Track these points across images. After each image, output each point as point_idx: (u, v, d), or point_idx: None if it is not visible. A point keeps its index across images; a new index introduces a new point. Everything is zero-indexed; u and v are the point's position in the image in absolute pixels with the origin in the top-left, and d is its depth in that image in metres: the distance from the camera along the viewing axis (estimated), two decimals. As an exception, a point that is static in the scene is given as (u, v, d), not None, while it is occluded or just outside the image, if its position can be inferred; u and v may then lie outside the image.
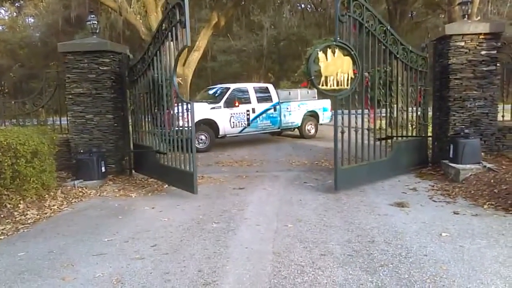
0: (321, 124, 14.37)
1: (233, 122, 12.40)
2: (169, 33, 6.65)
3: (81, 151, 7.81)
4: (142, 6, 15.22)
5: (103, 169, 7.82)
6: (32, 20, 42.05)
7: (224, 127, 12.66)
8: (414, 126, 8.38)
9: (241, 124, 12.42)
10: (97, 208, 6.17)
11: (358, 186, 6.72)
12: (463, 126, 7.62)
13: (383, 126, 8.46)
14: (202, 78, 29.15)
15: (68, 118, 8.40)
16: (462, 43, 7.61)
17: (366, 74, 6.96)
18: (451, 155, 7.36)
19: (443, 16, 26.06)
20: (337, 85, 6.64)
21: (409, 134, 8.25)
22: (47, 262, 4.14)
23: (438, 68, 8.10)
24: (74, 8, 23.84)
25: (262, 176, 8.00)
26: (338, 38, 6.35)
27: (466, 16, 7.96)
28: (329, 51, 6.59)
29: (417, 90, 8.07)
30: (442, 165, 7.67)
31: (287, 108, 13.61)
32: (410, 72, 7.84)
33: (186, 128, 6.64)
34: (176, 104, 7.35)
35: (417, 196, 6.15)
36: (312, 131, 14.22)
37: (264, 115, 13.07)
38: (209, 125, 12.02)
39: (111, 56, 8.18)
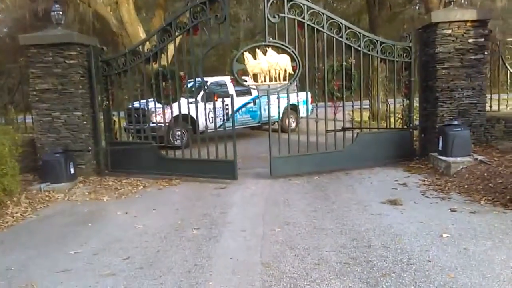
0: (302, 118, 14.01)
1: (212, 117, 11.89)
2: (190, 29, 7.06)
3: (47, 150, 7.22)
4: (112, -3, 14.48)
5: (72, 170, 7.25)
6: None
7: (203, 122, 12.15)
8: (397, 118, 8.21)
9: (220, 119, 11.93)
10: (65, 215, 5.62)
11: (308, 175, 7.09)
12: (451, 117, 7.35)
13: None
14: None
15: (33, 116, 7.75)
16: (449, 31, 7.31)
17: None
18: (440, 148, 7.08)
19: (418, 7, 26.09)
20: (272, 81, 7.19)
21: (389, 126, 8.12)
22: (3, 282, 3.62)
23: (424, 58, 7.79)
24: (41, 1, 22.77)
25: (244, 174, 7.55)
26: (270, 38, 6.95)
27: (452, 2, 7.66)
28: (258, 50, 7.02)
29: (394, 81, 7.79)
30: (430, 158, 7.38)
31: (267, 102, 13.16)
32: (387, 64, 7.73)
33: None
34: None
35: (409, 192, 5.82)
36: (293, 125, 13.84)
37: (243, 109, 12.61)
38: (187, 121, 11.49)
39: (78, 49, 7.56)
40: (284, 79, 7.19)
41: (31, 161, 7.78)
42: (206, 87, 7.85)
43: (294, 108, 13.95)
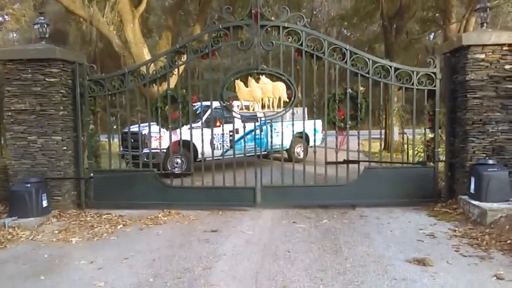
0: (311, 147, 13.05)
1: (214, 144, 11.03)
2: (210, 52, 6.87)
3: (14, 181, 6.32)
4: (116, 16, 13.89)
5: (44, 203, 6.33)
6: (15, 35, 40.74)
7: (203, 150, 11.29)
8: (417, 152, 7.37)
9: (223, 146, 11.05)
10: (20, 261, 4.64)
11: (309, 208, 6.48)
12: (484, 155, 6.32)
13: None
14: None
15: (7, 139, 6.89)
16: (482, 56, 6.35)
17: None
18: (471, 190, 6.05)
19: (433, 37, 25.33)
20: (265, 108, 6.97)
21: (407, 160, 7.26)
22: None
23: (452, 86, 6.82)
24: (57, 22, 22.52)
25: (241, 212, 6.56)
26: (264, 66, 6.99)
27: (485, 24, 6.73)
28: (250, 78, 6.91)
29: (413, 111, 6.97)
30: (460, 202, 6.32)
31: (275, 129, 12.30)
32: (404, 92, 7.05)
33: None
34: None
35: (439, 247, 4.75)
36: (302, 154, 12.91)
37: (249, 136, 11.71)
38: (186, 147, 10.62)
39: (61, 66, 6.75)
40: (279, 107, 6.93)
41: (4, 190, 6.92)
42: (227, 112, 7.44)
43: (306, 137, 13.06)
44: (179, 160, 10.43)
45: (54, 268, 4.39)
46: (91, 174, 7.12)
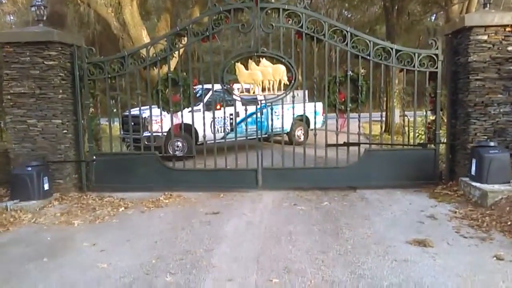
0: (312, 130, 13.01)
1: (215, 127, 11.00)
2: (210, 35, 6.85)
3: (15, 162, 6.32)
4: (114, -2, 13.71)
5: (46, 186, 6.33)
6: (12, 18, 40.23)
7: (204, 133, 11.28)
8: (418, 134, 7.39)
9: (223, 129, 11.03)
10: (23, 243, 4.67)
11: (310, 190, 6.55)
12: (486, 136, 6.30)
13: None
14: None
15: (7, 123, 6.87)
16: (485, 37, 6.28)
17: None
18: (472, 172, 6.05)
19: (434, 18, 25.04)
20: (266, 91, 6.96)
21: (408, 142, 7.28)
22: None
23: (454, 67, 6.77)
24: (51, 5, 22.20)
25: (242, 195, 6.58)
26: (263, 48, 6.94)
27: (487, 5, 6.64)
28: (250, 61, 6.90)
29: (414, 93, 6.90)
30: (460, 184, 6.32)
31: (276, 112, 12.24)
32: (406, 74, 7.00)
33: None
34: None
35: (439, 228, 4.77)
36: (302, 137, 12.88)
37: (249, 119, 11.66)
38: (187, 131, 10.60)
39: (60, 49, 6.68)
40: (279, 90, 6.94)
41: (5, 174, 6.90)
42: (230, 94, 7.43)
43: (306, 119, 13.02)
44: (180, 143, 10.44)
45: (57, 250, 4.42)
46: (94, 157, 7.12)
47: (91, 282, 3.59)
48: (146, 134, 8.56)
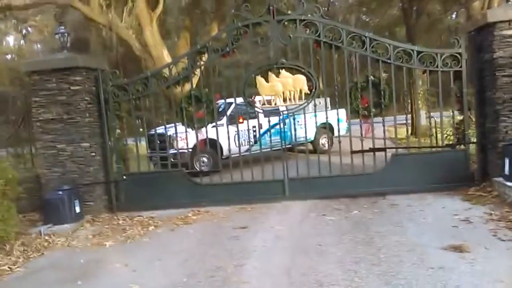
0: (336, 137, 12.89)
1: (239, 141, 11.05)
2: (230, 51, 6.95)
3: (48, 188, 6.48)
4: (134, 20, 14.04)
5: (77, 209, 6.46)
6: (39, 46, 41.69)
7: (228, 147, 11.33)
8: (446, 136, 7.23)
9: (247, 142, 11.04)
10: (57, 268, 4.76)
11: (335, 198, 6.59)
12: (518, 134, 6.10)
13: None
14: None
15: (37, 149, 7.08)
16: (510, 32, 6.11)
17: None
18: (506, 172, 5.83)
19: (455, 16, 24.57)
20: (287, 102, 7.01)
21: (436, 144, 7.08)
22: None
23: (479, 65, 6.59)
24: (74, 31, 22.93)
25: (269, 207, 6.54)
26: (282, 60, 6.91)
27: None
28: (270, 73, 6.92)
29: (439, 94, 6.78)
30: (494, 184, 6.12)
31: (298, 122, 12.21)
32: (429, 75, 6.86)
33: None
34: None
35: (475, 232, 4.62)
36: (327, 145, 12.78)
37: (272, 130, 11.66)
38: (211, 145, 10.67)
39: (84, 73, 6.87)
40: (300, 99, 6.95)
41: (38, 199, 7.08)
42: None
43: (327, 127, 12.92)
44: (205, 159, 10.51)
45: (90, 272, 4.49)
46: (124, 177, 7.24)
47: (125, 303, 3.61)
48: (172, 151, 8.66)
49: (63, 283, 4.25)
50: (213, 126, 10.21)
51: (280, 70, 6.92)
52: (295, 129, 7.19)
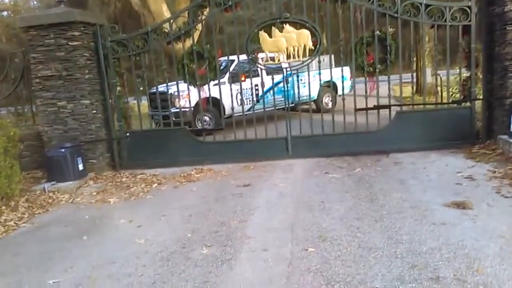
0: (340, 95, 12.73)
1: (240, 99, 10.91)
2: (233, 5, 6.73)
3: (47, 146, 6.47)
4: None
5: (80, 166, 6.49)
6: (35, 3, 40.65)
7: (230, 106, 11.24)
8: (451, 93, 7.11)
9: (250, 101, 10.91)
10: (62, 223, 4.82)
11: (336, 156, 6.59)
12: (525, 91, 5.99)
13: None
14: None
15: (37, 106, 7.01)
16: (522, -17, 5.89)
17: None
18: (511, 129, 5.78)
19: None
20: (291, 58, 6.83)
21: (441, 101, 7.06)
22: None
23: (489, 19, 6.38)
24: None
25: (272, 166, 6.54)
26: (286, 14, 6.71)
27: None
28: (273, 28, 6.72)
29: (447, 49, 6.54)
30: (499, 142, 6.07)
31: (301, 80, 12.01)
32: (436, 30, 6.59)
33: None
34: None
35: (478, 189, 4.61)
36: (330, 104, 12.65)
37: (275, 89, 11.50)
38: (213, 104, 10.56)
39: (82, 29, 6.70)
40: (304, 56, 6.78)
41: (40, 156, 7.09)
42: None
43: (334, 85, 12.74)
44: (207, 118, 10.44)
45: (95, 228, 4.54)
46: (127, 134, 7.21)
47: (130, 257, 3.66)
48: (174, 110, 8.58)
49: (69, 238, 4.30)
50: (215, 84, 10.11)
51: (284, 25, 6.72)
52: (298, 87, 6.99)
